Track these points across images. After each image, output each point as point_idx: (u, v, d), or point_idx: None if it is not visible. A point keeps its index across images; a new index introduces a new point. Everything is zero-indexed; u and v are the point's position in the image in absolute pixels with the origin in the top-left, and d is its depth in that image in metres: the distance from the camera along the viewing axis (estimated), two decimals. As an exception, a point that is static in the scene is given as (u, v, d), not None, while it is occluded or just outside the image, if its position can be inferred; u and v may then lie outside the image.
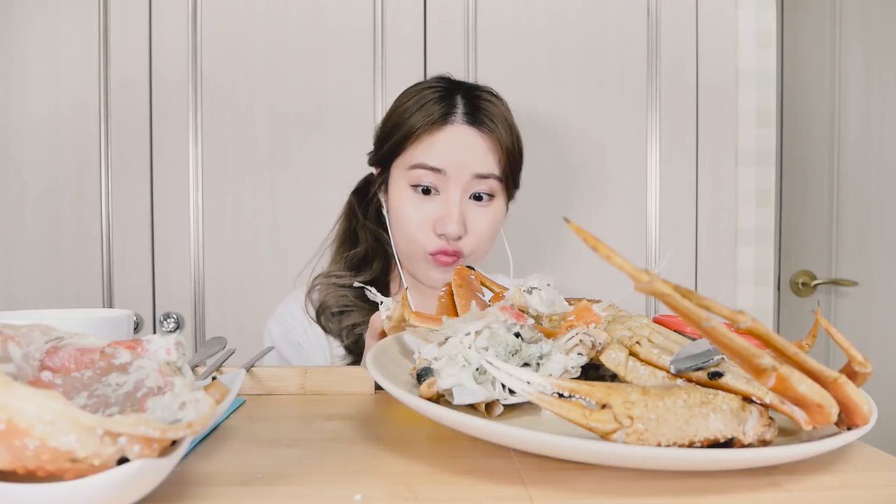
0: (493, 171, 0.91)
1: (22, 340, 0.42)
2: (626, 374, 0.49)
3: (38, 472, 0.32)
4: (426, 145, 0.90)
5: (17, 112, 1.38)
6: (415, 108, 0.92)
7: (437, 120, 0.90)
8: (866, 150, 1.62)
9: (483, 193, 0.92)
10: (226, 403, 0.49)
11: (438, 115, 0.90)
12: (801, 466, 0.44)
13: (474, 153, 0.90)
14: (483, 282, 0.70)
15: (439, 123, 0.90)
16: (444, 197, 0.90)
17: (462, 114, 0.91)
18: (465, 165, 0.90)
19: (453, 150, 0.90)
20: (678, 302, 0.38)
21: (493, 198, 0.93)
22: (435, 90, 0.93)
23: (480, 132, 0.91)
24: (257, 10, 1.39)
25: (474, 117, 0.91)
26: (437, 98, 0.92)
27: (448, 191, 0.90)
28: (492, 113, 0.92)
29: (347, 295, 0.97)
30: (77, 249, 1.39)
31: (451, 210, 0.89)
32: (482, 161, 0.90)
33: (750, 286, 1.49)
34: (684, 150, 1.45)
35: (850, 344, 0.47)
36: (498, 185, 0.92)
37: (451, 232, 0.88)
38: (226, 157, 1.40)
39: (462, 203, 0.90)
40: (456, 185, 0.90)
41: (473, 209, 0.92)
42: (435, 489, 0.41)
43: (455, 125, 0.91)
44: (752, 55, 1.47)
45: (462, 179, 0.90)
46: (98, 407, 0.38)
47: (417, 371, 0.52)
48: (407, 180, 0.91)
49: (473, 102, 0.92)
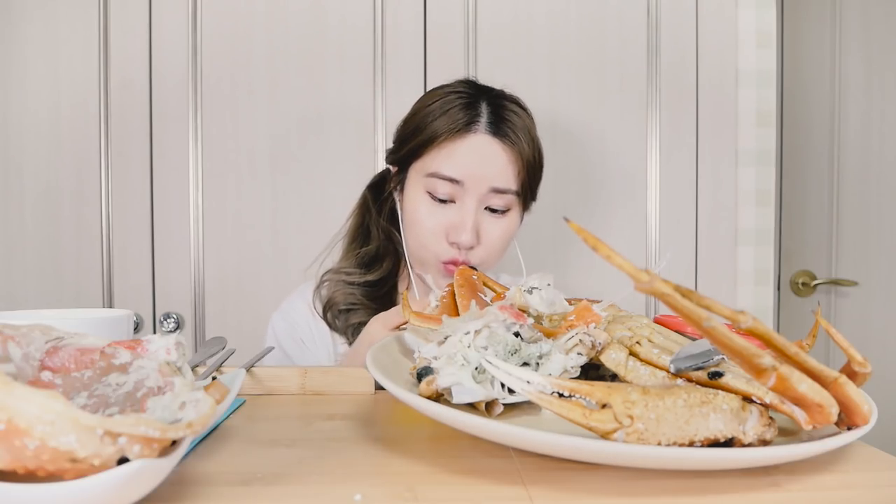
0: (510, 185, 0.90)
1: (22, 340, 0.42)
2: (627, 373, 0.50)
3: (38, 472, 0.32)
4: (447, 153, 0.89)
5: (17, 112, 1.38)
6: (439, 112, 0.90)
7: (461, 128, 0.88)
8: (866, 150, 1.62)
9: (499, 209, 0.91)
10: (226, 403, 0.49)
11: (462, 123, 0.88)
12: (801, 466, 0.44)
13: (494, 165, 0.89)
14: (485, 282, 0.70)
15: (462, 132, 0.89)
16: (459, 206, 0.90)
17: (486, 123, 0.90)
18: (484, 178, 0.89)
19: (473, 160, 0.88)
20: (678, 302, 0.38)
21: (510, 210, 0.92)
22: (460, 96, 0.91)
23: (503, 143, 0.89)
24: (257, 10, 1.39)
25: (498, 128, 0.90)
26: (462, 105, 0.90)
27: (464, 201, 0.89)
28: (516, 125, 0.91)
29: (356, 293, 0.97)
30: (77, 249, 1.39)
31: (466, 220, 0.88)
32: (501, 174, 0.89)
33: (750, 286, 1.49)
34: (684, 150, 1.45)
35: (849, 344, 0.47)
36: (515, 199, 0.92)
37: (464, 241, 0.88)
38: (226, 157, 1.40)
39: (477, 214, 0.89)
40: (472, 195, 0.89)
41: (488, 220, 0.91)
42: (435, 489, 0.41)
43: (478, 134, 0.89)
44: (752, 55, 1.47)
45: (479, 191, 0.89)
46: (98, 407, 0.38)
47: (418, 370, 0.52)
48: (424, 186, 0.91)
49: (498, 112, 0.91)
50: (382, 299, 0.98)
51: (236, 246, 1.40)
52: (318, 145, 1.40)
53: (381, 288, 0.99)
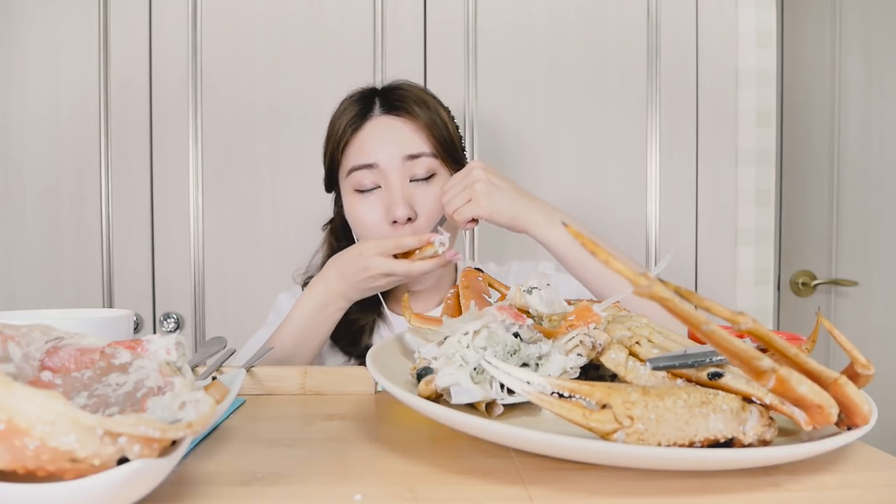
0: (422, 149, 0.93)
1: (22, 340, 0.42)
2: (626, 374, 0.49)
3: (38, 472, 0.32)
4: (355, 148, 0.94)
5: (17, 112, 1.38)
6: (338, 117, 0.97)
7: (358, 120, 0.94)
8: (866, 150, 1.62)
9: (421, 176, 0.93)
10: (226, 403, 0.49)
11: (358, 116, 0.95)
12: (801, 466, 0.44)
13: (398, 138, 0.93)
14: (491, 283, 0.70)
15: (360, 122, 0.94)
16: (384, 187, 0.92)
17: (379, 107, 0.95)
18: (393, 151, 0.92)
19: (378, 142, 0.93)
20: (677, 306, 0.38)
21: (435, 176, 0.94)
22: (353, 97, 0.98)
23: (399, 118, 0.94)
24: (257, 10, 1.39)
25: (390, 106, 0.95)
26: (355, 101, 0.97)
27: (387, 180, 0.92)
28: (406, 98, 0.95)
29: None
30: (77, 249, 1.39)
31: (394, 195, 0.91)
32: (408, 142, 0.93)
33: (750, 286, 1.49)
34: (684, 150, 1.45)
35: (853, 346, 0.46)
36: (435, 162, 0.94)
37: (399, 215, 0.89)
38: (226, 157, 1.40)
39: (403, 187, 0.92)
40: (391, 172, 0.92)
41: (417, 190, 0.93)
42: (435, 489, 0.41)
43: (374, 118, 0.94)
44: (752, 55, 1.47)
45: (395, 165, 0.92)
46: (98, 407, 0.38)
47: (417, 370, 0.52)
48: (351, 186, 0.94)
49: (387, 95, 0.96)
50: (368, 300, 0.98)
51: (236, 246, 1.40)
52: (318, 145, 1.39)
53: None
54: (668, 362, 0.46)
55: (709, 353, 0.46)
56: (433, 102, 0.98)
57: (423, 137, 0.93)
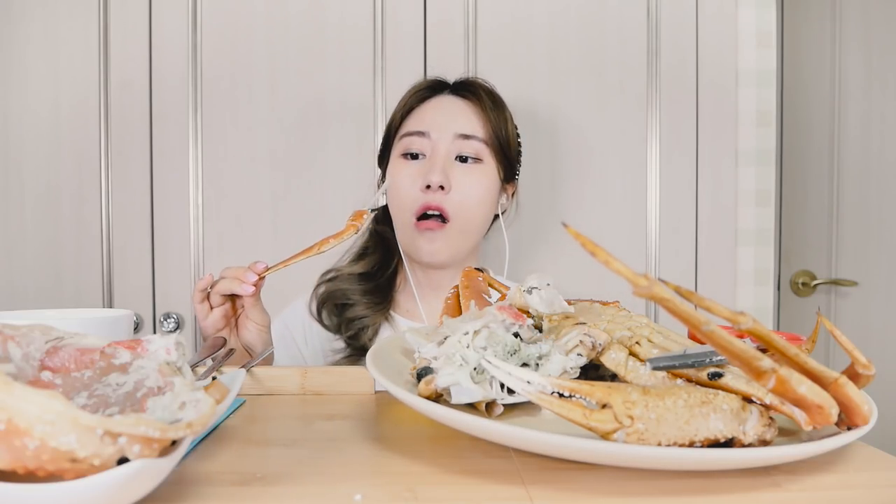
0: (476, 132, 0.96)
1: (22, 340, 0.42)
2: (627, 373, 0.49)
3: (38, 472, 0.32)
4: (415, 116, 0.99)
5: (17, 112, 1.38)
6: (408, 94, 1.02)
7: (427, 90, 1.00)
8: (866, 150, 1.62)
9: (469, 156, 0.96)
10: (226, 403, 0.49)
11: (428, 87, 1.01)
12: (801, 466, 0.44)
13: (458, 116, 0.97)
14: (491, 283, 0.70)
15: (428, 93, 1.00)
16: (430, 155, 0.95)
17: (449, 89, 1.01)
18: (448, 126, 0.95)
19: (437, 113, 0.97)
20: (677, 306, 0.38)
21: (481, 162, 0.96)
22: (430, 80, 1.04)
23: (465, 100, 0.99)
24: (257, 10, 1.39)
25: (460, 87, 1.01)
26: (430, 82, 1.03)
27: (433, 150, 0.95)
28: (477, 85, 1.01)
29: (348, 287, 1.01)
30: (77, 249, 1.39)
31: (435, 162, 0.94)
32: (466, 122, 0.96)
33: (750, 286, 1.48)
34: (684, 150, 1.45)
35: (853, 346, 0.46)
36: (484, 148, 0.96)
37: (434, 180, 0.92)
38: (226, 157, 1.40)
39: (446, 160, 0.95)
40: (440, 143, 0.95)
41: (459, 169, 0.96)
42: (435, 489, 0.41)
43: (442, 96, 1.00)
44: (752, 55, 1.47)
45: (446, 138, 0.95)
46: (98, 407, 0.38)
47: (417, 370, 0.52)
48: (399, 150, 0.98)
49: (461, 82, 1.02)
50: (377, 293, 1.01)
51: (236, 246, 1.40)
52: (318, 145, 1.40)
53: (371, 281, 1.02)
54: (668, 362, 0.46)
55: (709, 353, 0.46)
56: (501, 101, 1.02)
57: (480, 122, 0.97)
